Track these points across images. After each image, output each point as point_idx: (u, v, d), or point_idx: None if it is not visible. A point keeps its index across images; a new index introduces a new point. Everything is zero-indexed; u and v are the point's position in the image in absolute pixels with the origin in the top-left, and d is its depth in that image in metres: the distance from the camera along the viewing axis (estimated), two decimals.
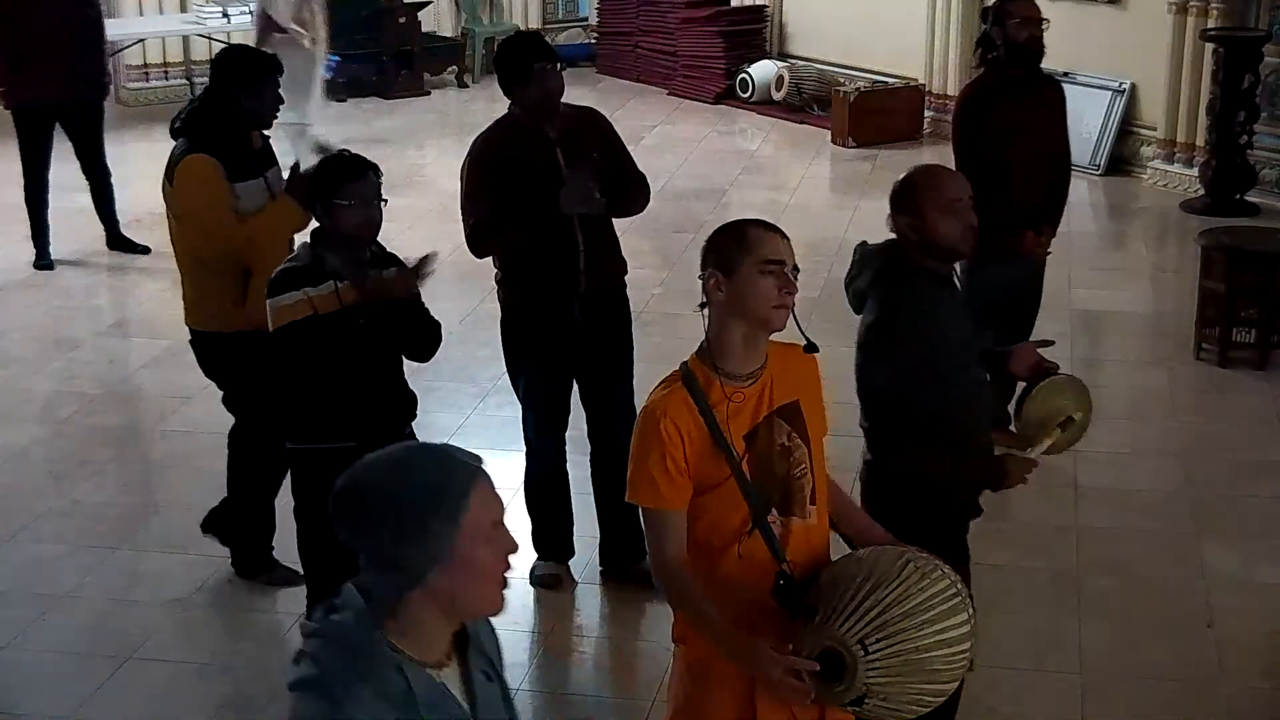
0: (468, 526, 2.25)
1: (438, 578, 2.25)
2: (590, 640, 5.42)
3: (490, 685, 2.43)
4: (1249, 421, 6.97)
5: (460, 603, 2.30)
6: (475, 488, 2.27)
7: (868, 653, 3.08)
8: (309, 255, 4.57)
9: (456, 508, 2.25)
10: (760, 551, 3.27)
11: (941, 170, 4.28)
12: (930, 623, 3.12)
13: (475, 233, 5.29)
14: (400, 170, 11.15)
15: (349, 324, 4.51)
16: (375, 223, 4.62)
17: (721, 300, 3.25)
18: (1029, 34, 6.19)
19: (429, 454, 2.33)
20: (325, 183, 4.57)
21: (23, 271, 9.09)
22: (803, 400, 3.35)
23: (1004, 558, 5.82)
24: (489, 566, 2.29)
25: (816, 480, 3.34)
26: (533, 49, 5.26)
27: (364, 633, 2.25)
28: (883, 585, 3.12)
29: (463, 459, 2.31)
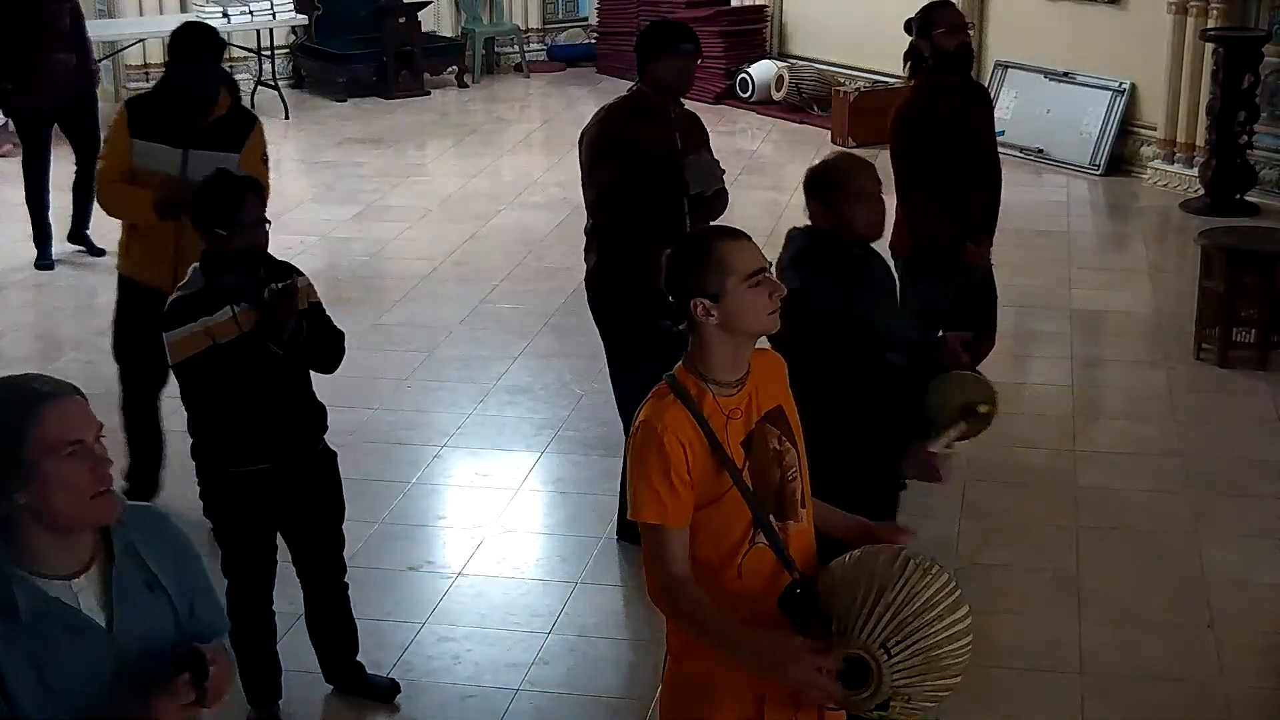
0: (36, 448, 2.46)
1: (24, 496, 2.47)
2: (588, 640, 5.42)
3: (151, 596, 2.60)
4: (1249, 421, 6.97)
5: (52, 516, 2.49)
6: (42, 409, 2.48)
7: (891, 656, 3.08)
8: (201, 280, 4.48)
9: (18, 430, 2.46)
10: (761, 565, 3.24)
11: (855, 159, 4.53)
12: (939, 618, 3.13)
13: (600, 200, 5.49)
14: (400, 170, 11.17)
15: (251, 348, 4.43)
16: (263, 245, 4.55)
17: (714, 323, 3.20)
18: (958, 41, 6.14)
19: (2, 386, 2.54)
20: (206, 209, 4.50)
21: (23, 271, 9.10)
22: (784, 403, 3.33)
23: (1004, 558, 5.83)
24: (69, 481, 2.47)
25: (804, 482, 3.33)
26: (680, 31, 5.68)
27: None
28: (889, 587, 3.12)
29: (35, 386, 2.52)
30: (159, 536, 2.66)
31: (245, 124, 5.88)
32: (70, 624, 2.50)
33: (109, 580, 2.55)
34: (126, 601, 2.56)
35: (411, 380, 7.43)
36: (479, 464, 6.57)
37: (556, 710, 5.05)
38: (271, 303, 4.43)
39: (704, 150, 5.57)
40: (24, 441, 2.46)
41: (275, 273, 4.57)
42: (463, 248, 9.39)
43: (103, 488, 2.52)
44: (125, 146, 5.72)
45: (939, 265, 6.11)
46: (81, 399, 2.56)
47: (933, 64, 6.15)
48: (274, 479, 4.58)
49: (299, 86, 13.61)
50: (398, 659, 5.15)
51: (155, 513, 2.74)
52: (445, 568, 5.80)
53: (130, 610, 2.56)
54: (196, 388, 4.51)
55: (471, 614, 5.49)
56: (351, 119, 12.73)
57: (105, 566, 2.56)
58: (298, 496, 4.67)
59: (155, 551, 2.63)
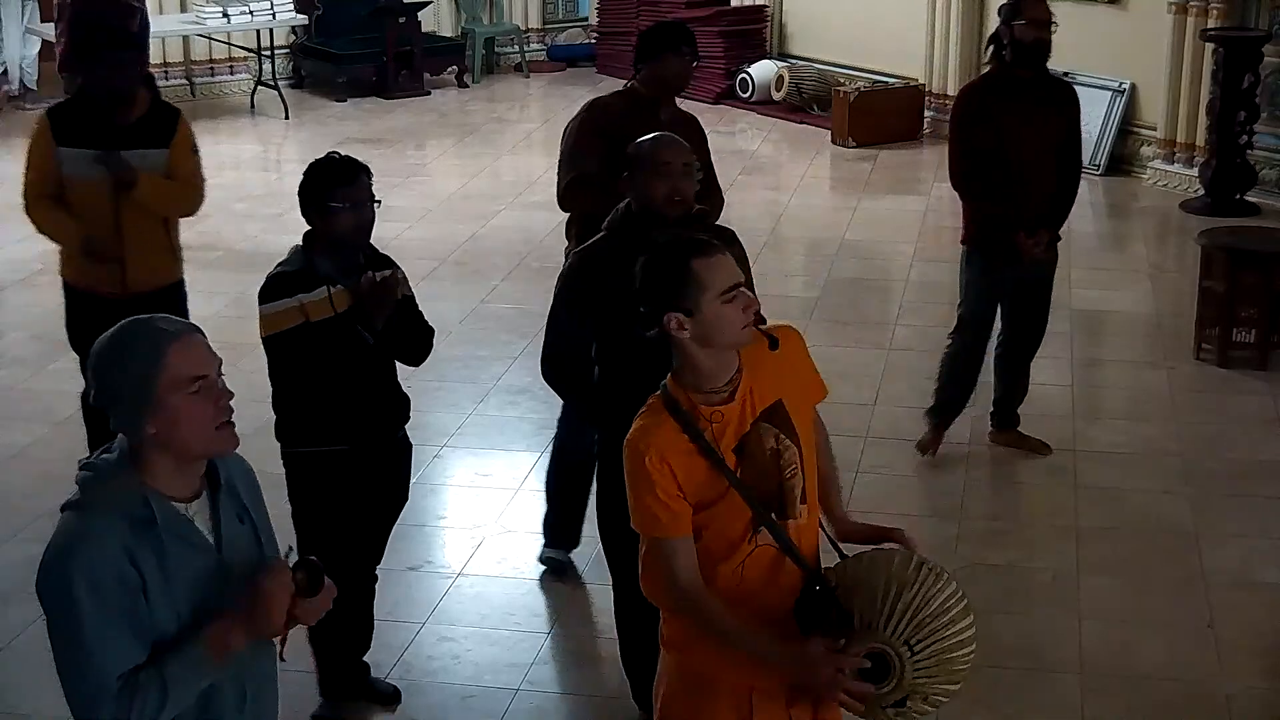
0: (164, 380, 2.70)
1: (154, 424, 2.72)
2: (588, 640, 5.42)
3: (242, 526, 2.89)
4: (1249, 421, 6.97)
5: (178, 445, 2.75)
6: (169, 347, 2.72)
7: (914, 653, 3.11)
8: (301, 259, 4.53)
9: (150, 367, 2.70)
10: (763, 565, 3.25)
11: (663, 136, 4.64)
12: (953, 622, 3.16)
13: (572, 185, 5.46)
14: (400, 170, 11.16)
15: (342, 330, 4.48)
16: (367, 226, 4.58)
17: (687, 337, 3.20)
18: (1036, 35, 6.13)
19: (131, 326, 2.77)
20: (317, 186, 4.53)
21: (23, 271, 9.09)
22: (786, 396, 3.31)
23: (1004, 558, 5.83)
24: (194, 413, 2.73)
25: (807, 479, 3.32)
26: (681, 33, 5.70)
27: (118, 468, 2.77)
28: (907, 588, 3.14)
29: (161, 325, 2.76)
30: (246, 475, 2.96)
31: (169, 118, 5.82)
32: (192, 539, 2.79)
33: (216, 508, 2.84)
34: (229, 527, 2.86)
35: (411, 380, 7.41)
36: (479, 464, 6.57)
37: (556, 710, 5.05)
38: (368, 290, 4.48)
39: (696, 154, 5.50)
40: (154, 377, 2.71)
41: (373, 262, 4.63)
42: (463, 248, 9.39)
43: (225, 419, 2.78)
44: (51, 156, 5.66)
45: (992, 254, 6.12)
46: (203, 337, 2.80)
47: (1009, 55, 6.15)
48: (351, 462, 4.60)
49: (299, 86, 13.61)
50: (398, 659, 5.15)
51: (240, 457, 2.97)
52: (445, 568, 5.80)
53: (231, 537, 2.85)
54: (283, 363, 4.54)
55: (471, 614, 5.50)
56: (351, 119, 12.73)
57: (212, 495, 2.85)
58: (371, 482, 4.69)
59: (245, 488, 2.93)
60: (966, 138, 6.15)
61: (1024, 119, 6.08)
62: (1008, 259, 6.15)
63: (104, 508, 2.72)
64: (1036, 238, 6.15)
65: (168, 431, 2.73)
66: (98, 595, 2.67)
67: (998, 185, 6.07)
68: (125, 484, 2.75)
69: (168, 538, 2.74)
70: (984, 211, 6.18)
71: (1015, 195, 6.08)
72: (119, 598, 2.68)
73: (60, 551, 2.72)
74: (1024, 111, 6.09)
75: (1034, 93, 6.17)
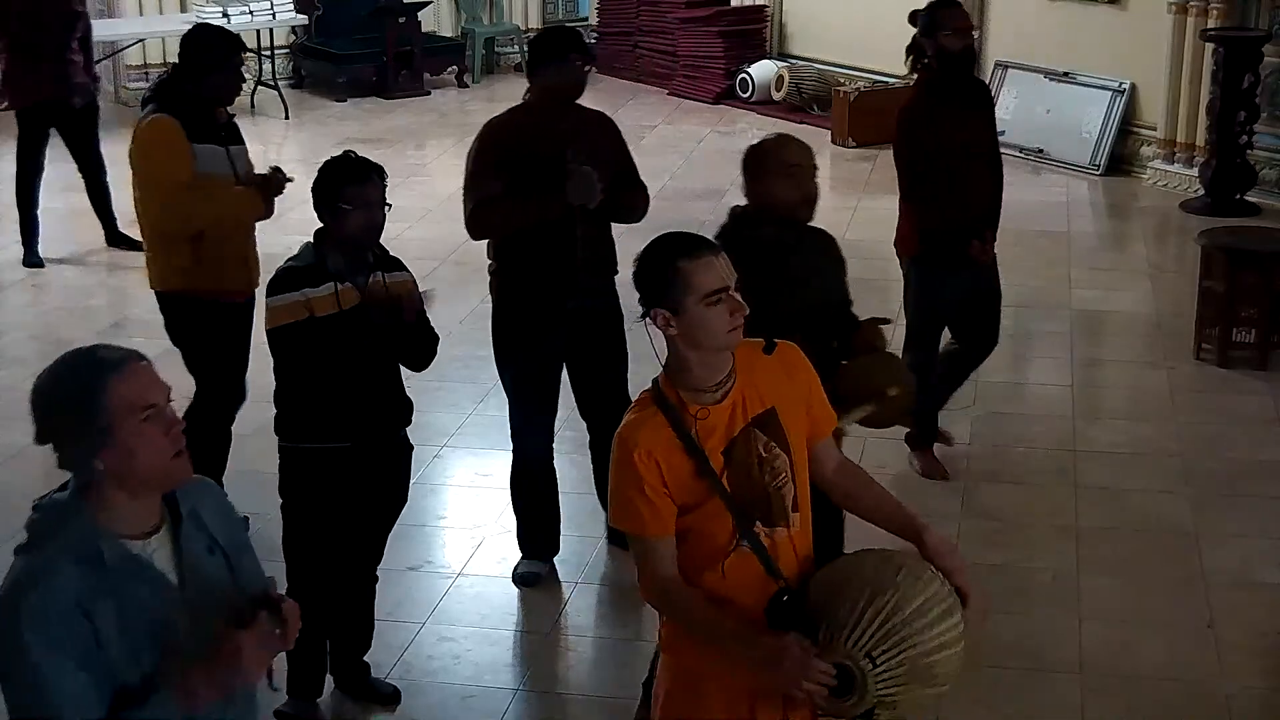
0: (112, 412, 2.59)
1: (103, 459, 2.60)
2: (589, 640, 5.42)
3: (212, 558, 2.76)
4: (1249, 421, 6.97)
5: (132, 478, 2.63)
6: (114, 378, 2.60)
7: (875, 665, 3.06)
8: (311, 255, 4.56)
9: (95, 398, 2.59)
10: (746, 568, 3.23)
11: (788, 138, 4.56)
12: (930, 626, 3.10)
13: (476, 213, 5.33)
14: (400, 170, 11.14)
15: (346, 327, 4.49)
16: (378, 226, 4.62)
17: (675, 334, 3.20)
18: (963, 44, 6.15)
19: (70, 357, 2.67)
20: (329, 185, 4.56)
21: (22, 272, 9.10)
22: (780, 404, 3.28)
23: (1004, 558, 5.82)
24: (147, 442, 2.61)
25: (799, 487, 3.29)
26: (569, 40, 5.47)
27: (69, 508, 2.65)
28: (880, 594, 3.08)
29: (103, 355, 2.64)
30: (216, 504, 2.85)
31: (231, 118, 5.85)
32: (148, 579, 2.65)
33: (177, 542, 2.72)
34: (193, 562, 2.73)
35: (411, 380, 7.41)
36: (479, 464, 6.57)
37: (556, 710, 5.05)
38: (375, 304, 4.52)
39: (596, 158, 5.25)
40: (100, 408, 2.59)
41: (383, 262, 4.66)
42: (463, 248, 9.35)
43: (179, 448, 2.67)
44: (188, 155, 5.50)
45: (942, 263, 6.14)
46: (148, 364, 2.68)
47: (935, 64, 6.15)
48: (350, 460, 4.60)
49: (299, 86, 13.61)
50: (398, 659, 5.15)
51: (210, 482, 2.89)
52: (445, 568, 5.80)
53: (197, 571, 2.72)
54: (286, 357, 4.56)
55: (471, 614, 5.49)
56: (351, 119, 12.73)
57: (172, 529, 2.72)
58: (370, 481, 4.69)
59: (213, 518, 2.80)
60: (918, 154, 6.11)
61: (959, 126, 6.11)
62: (955, 267, 6.15)
63: (54, 552, 2.60)
64: (987, 242, 6.20)
65: (119, 465, 2.61)
66: (49, 645, 2.53)
67: (947, 195, 6.06)
68: (76, 525, 2.62)
69: (122, 581, 2.61)
70: (935, 223, 6.14)
71: (965, 202, 6.09)
72: (72, 647, 2.54)
73: (8, 600, 2.57)
74: (958, 118, 6.12)
75: (961, 98, 6.20)
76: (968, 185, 6.12)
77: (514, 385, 5.53)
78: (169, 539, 2.72)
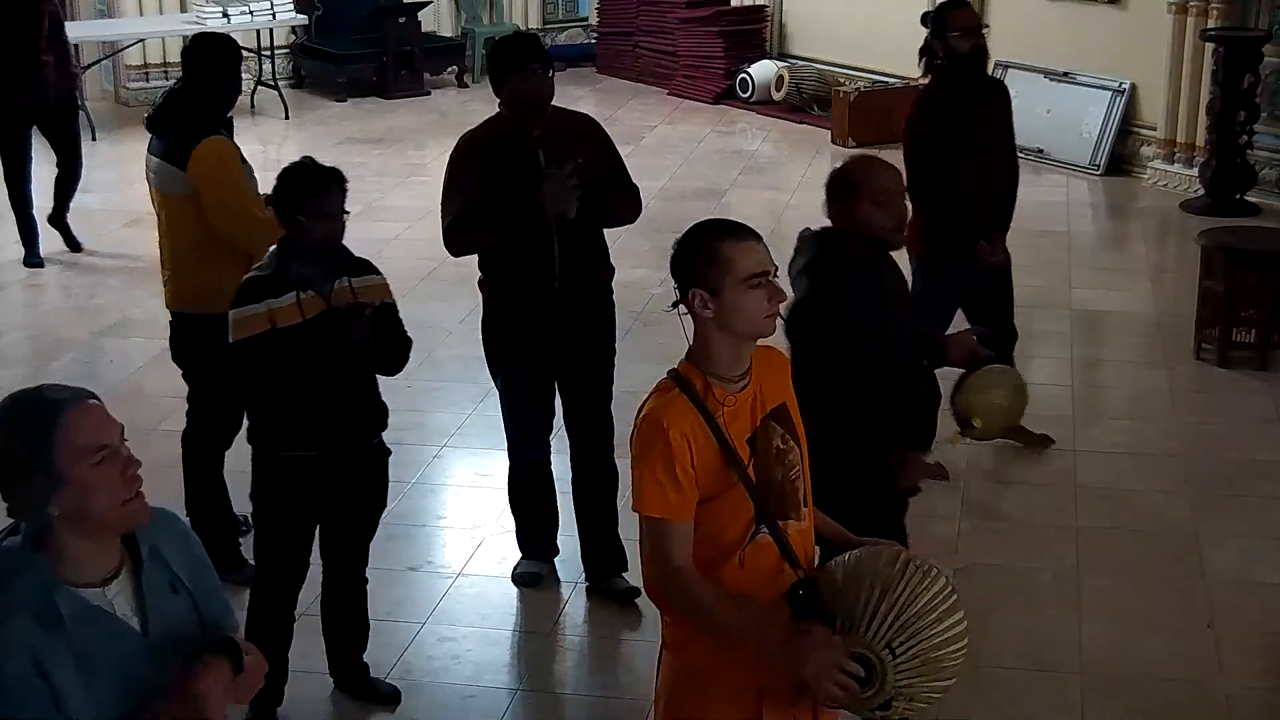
0: (63, 454, 2.46)
1: (57, 505, 2.48)
2: (589, 640, 5.42)
3: (175, 597, 2.64)
4: (1249, 421, 6.96)
5: (88, 521, 2.51)
6: (63, 417, 2.49)
7: (895, 656, 3.08)
8: (274, 263, 4.52)
9: (45, 441, 2.46)
10: (762, 559, 3.24)
11: (876, 161, 4.39)
12: (939, 620, 3.13)
13: (451, 230, 5.25)
14: (400, 170, 11.16)
15: (310, 336, 4.44)
16: (338, 235, 4.56)
17: (710, 317, 3.20)
18: (971, 44, 6.15)
19: (18, 399, 2.53)
20: (289, 195, 4.52)
21: (22, 271, 9.10)
22: (787, 401, 3.33)
23: (1004, 558, 5.82)
24: (102, 483, 2.49)
25: (806, 481, 3.33)
26: (524, 48, 5.29)
27: (23, 559, 2.51)
28: (891, 588, 3.12)
29: (51, 396, 2.52)
30: (176, 538, 2.70)
31: None
32: (110, 629, 2.54)
33: (139, 584, 2.59)
34: (156, 604, 2.60)
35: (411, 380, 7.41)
36: (479, 464, 6.57)
37: (556, 710, 5.05)
38: (339, 313, 4.47)
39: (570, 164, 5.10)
40: (52, 452, 2.47)
41: (352, 266, 4.62)
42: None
43: (135, 490, 2.55)
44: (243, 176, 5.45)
45: (951, 263, 6.13)
46: (98, 403, 2.56)
47: (945, 64, 6.15)
48: (321, 467, 4.59)
49: (299, 86, 13.62)
50: (398, 659, 5.15)
51: (169, 514, 2.74)
52: (445, 568, 5.80)
53: (160, 612, 2.60)
54: (250, 368, 4.52)
55: (471, 614, 5.49)
56: (351, 119, 12.73)
57: (133, 571, 2.60)
58: (343, 488, 4.68)
59: (174, 553, 2.68)
60: (925, 153, 6.11)
61: (971, 126, 6.11)
62: (963, 267, 6.15)
63: (7, 607, 2.46)
64: (995, 243, 6.20)
65: (74, 510, 2.48)
66: (4, 702, 2.42)
67: (955, 195, 6.06)
68: (31, 577, 2.49)
69: (80, 632, 2.49)
70: (945, 224, 6.13)
71: (973, 203, 6.09)
72: (28, 705, 2.44)
73: None
74: (969, 119, 6.12)
75: (975, 97, 6.20)
76: (976, 185, 6.10)
77: (505, 394, 5.50)
78: (129, 581, 2.59)
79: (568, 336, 5.32)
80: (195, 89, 5.49)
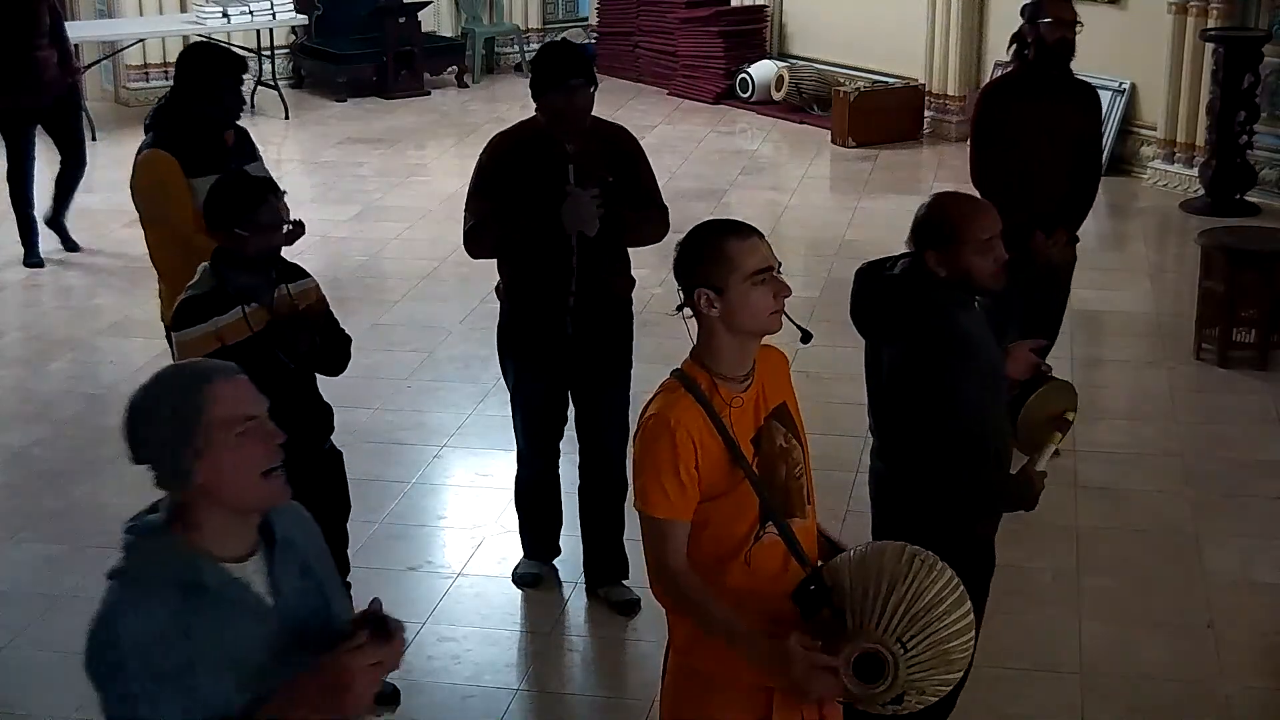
0: (209, 423, 2.50)
1: (199, 476, 2.51)
2: (589, 640, 5.42)
3: (304, 582, 2.65)
4: (1249, 421, 6.97)
5: (228, 495, 2.54)
6: (211, 387, 2.53)
7: (907, 650, 3.10)
8: (211, 280, 4.49)
9: (194, 409, 2.50)
10: (769, 558, 3.25)
11: (973, 204, 4.15)
12: (947, 613, 3.14)
13: (473, 232, 5.24)
14: (400, 170, 11.16)
15: (259, 350, 4.40)
16: (276, 248, 4.55)
17: (716, 315, 3.22)
18: (1060, 35, 6.10)
19: (168, 371, 2.61)
20: (224, 210, 4.49)
21: (22, 271, 9.10)
22: (787, 400, 3.35)
23: (1004, 558, 5.80)
24: (242, 457, 2.53)
25: (808, 479, 3.35)
26: (569, 62, 5.14)
27: (163, 530, 2.55)
28: (900, 582, 3.13)
29: (196, 368, 2.59)
30: (304, 525, 2.76)
31: (245, 132, 5.77)
32: (249, 604, 2.56)
33: (273, 564, 2.62)
34: (290, 585, 2.63)
35: (411, 380, 7.42)
36: (479, 464, 6.57)
37: (556, 710, 5.05)
38: (288, 320, 4.45)
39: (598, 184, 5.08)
40: (200, 420, 2.51)
41: (285, 273, 4.60)
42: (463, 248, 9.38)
43: (275, 464, 2.59)
44: (188, 194, 5.32)
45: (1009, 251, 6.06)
46: (244, 377, 2.61)
47: (1032, 54, 6.13)
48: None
49: (299, 86, 13.61)
50: None
51: (295, 504, 2.78)
52: (445, 568, 5.80)
53: (293, 593, 2.63)
54: None
55: (471, 614, 5.50)
56: (351, 119, 12.73)
57: (268, 552, 2.63)
58: (302, 497, 4.66)
59: (303, 539, 2.72)
60: (987, 137, 6.12)
61: (1043, 119, 6.06)
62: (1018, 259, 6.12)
63: (151, 574, 2.51)
64: (1055, 238, 6.15)
65: (217, 479, 2.52)
66: (149, 669, 2.44)
67: (1014, 185, 6.03)
68: (173, 546, 2.53)
69: (221, 604, 2.52)
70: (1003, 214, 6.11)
71: (1030, 196, 6.05)
72: (171, 672, 2.45)
73: (106, 624, 2.48)
74: (1044, 111, 6.07)
75: (1055, 93, 6.15)
76: (1040, 179, 6.04)
77: (518, 405, 5.48)
78: (264, 564, 2.62)
79: (583, 348, 5.29)
80: (179, 99, 5.50)
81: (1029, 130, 6.03)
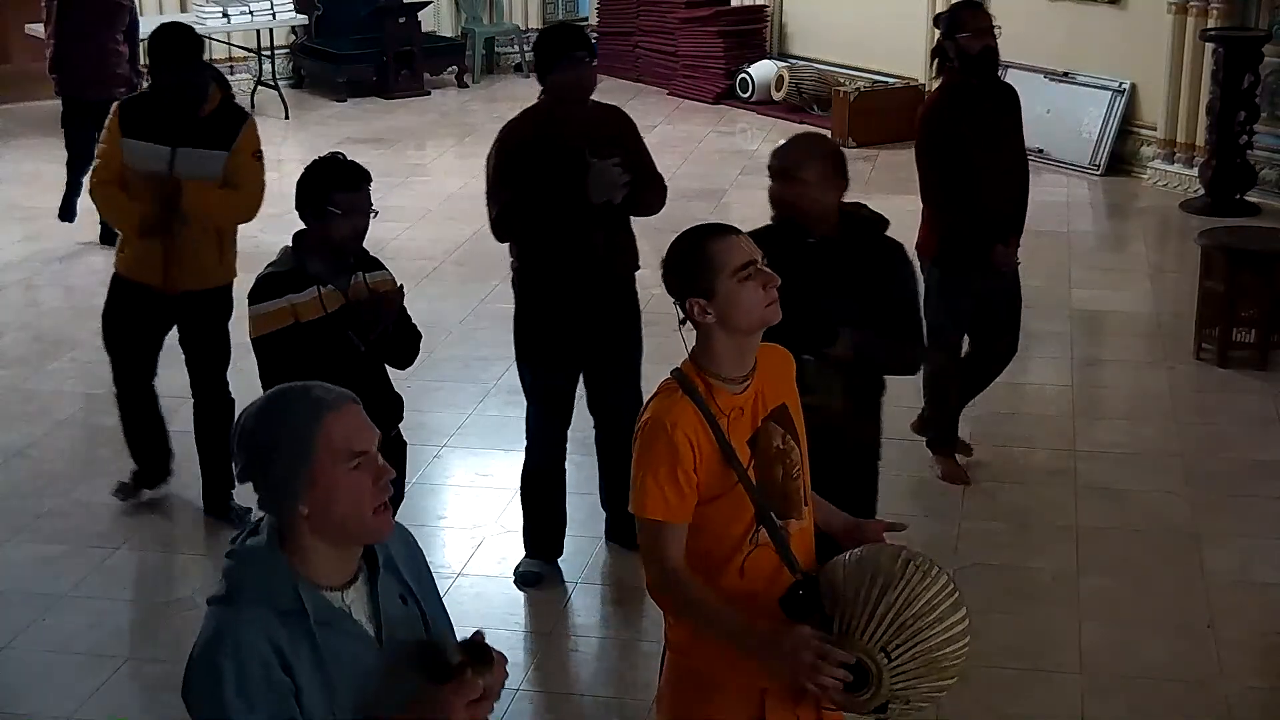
0: (321, 455, 2.44)
1: (307, 504, 2.45)
2: (590, 640, 5.42)
3: (405, 608, 2.60)
4: (1249, 421, 6.97)
5: (334, 525, 2.48)
6: (327, 418, 2.46)
7: (891, 660, 3.07)
8: (291, 259, 4.54)
9: (307, 438, 2.44)
10: (763, 565, 3.25)
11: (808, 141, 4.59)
12: (939, 620, 3.12)
13: (501, 218, 5.32)
14: (400, 170, 11.16)
15: (331, 330, 4.47)
16: (362, 233, 4.59)
17: (712, 320, 3.23)
18: (983, 45, 6.11)
19: (286, 393, 2.52)
20: (318, 188, 4.52)
21: (22, 271, 9.11)
22: (788, 401, 3.34)
23: (1004, 558, 5.83)
24: (351, 490, 2.46)
25: (806, 481, 3.34)
26: (572, 37, 5.39)
27: (267, 555, 2.48)
28: (890, 588, 3.10)
29: (318, 394, 2.49)
30: (407, 549, 2.67)
31: (236, 120, 5.85)
32: (350, 634, 2.50)
33: (374, 592, 2.56)
34: (391, 613, 2.57)
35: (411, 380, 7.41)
36: (479, 464, 6.57)
37: (556, 710, 5.05)
38: (368, 304, 4.50)
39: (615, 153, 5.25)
40: (311, 451, 2.44)
41: (365, 262, 4.66)
42: (463, 248, 9.38)
43: (383, 500, 2.51)
44: (117, 147, 5.74)
45: (963, 266, 6.11)
46: (360, 407, 2.53)
47: (957, 65, 6.14)
48: None
49: (299, 86, 13.61)
50: None
51: (400, 525, 2.69)
52: (445, 568, 5.80)
53: (393, 621, 2.57)
54: (272, 364, 4.53)
55: (472, 614, 5.48)
56: (351, 119, 12.73)
57: (370, 578, 2.57)
58: None
59: (406, 564, 2.65)
60: (937, 155, 6.10)
61: (984, 129, 6.07)
62: (977, 270, 6.13)
63: (252, 601, 2.44)
64: (1010, 247, 6.18)
65: (322, 512, 2.45)
66: (248, 698, 2.39)
67: (968, 197, 6.04)
68: (274, 572, 2.47)
69: (322, 633, 2.45)
70: (958, 226, 6.12)
71: (986, 206, 6.07)
72: (271, 702, 2.40)
73: (208, 649, 2.42)
74: (982, 121, 6.09)
75: (987, 100, 6.17)
76: (989, 189, 6.07)
77: (533, 388, 5.53)
78: (365, 590, 2.56)
79: (601, 322, 5.38)
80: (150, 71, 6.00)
81: (973, 143, 6.02)
